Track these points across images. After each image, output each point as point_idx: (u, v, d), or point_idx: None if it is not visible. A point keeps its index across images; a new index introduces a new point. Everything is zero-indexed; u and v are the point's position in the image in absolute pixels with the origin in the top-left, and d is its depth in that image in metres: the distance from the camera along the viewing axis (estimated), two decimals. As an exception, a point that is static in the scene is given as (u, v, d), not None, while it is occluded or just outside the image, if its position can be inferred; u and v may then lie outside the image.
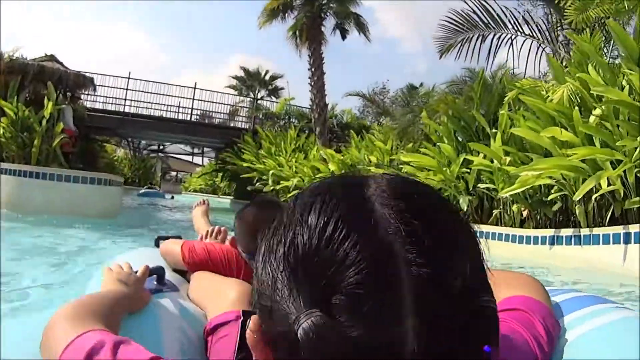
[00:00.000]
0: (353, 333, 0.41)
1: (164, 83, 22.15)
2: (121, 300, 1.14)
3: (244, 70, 25.08)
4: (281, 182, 15.55)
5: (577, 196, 6.48)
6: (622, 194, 6.29)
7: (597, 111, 6.72)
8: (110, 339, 0.78)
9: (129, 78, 21.06)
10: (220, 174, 21.63)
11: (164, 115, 21.95)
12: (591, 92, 6.88)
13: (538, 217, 8.50)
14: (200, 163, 39.86)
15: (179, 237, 2.20)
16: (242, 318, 1.18)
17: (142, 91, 21.40)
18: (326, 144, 15.94)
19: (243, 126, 21.54)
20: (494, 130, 9.40)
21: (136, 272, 1.33)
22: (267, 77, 24.85)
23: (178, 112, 22.48)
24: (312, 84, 16.22)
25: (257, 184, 16.89)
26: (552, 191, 7.55)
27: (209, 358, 1.24)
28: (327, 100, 16.99)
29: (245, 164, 17.20)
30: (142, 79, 22.36)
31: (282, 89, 24.75)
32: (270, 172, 15.88)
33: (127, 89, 20.92)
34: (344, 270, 0.42)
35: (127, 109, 20.82)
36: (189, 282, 1.70)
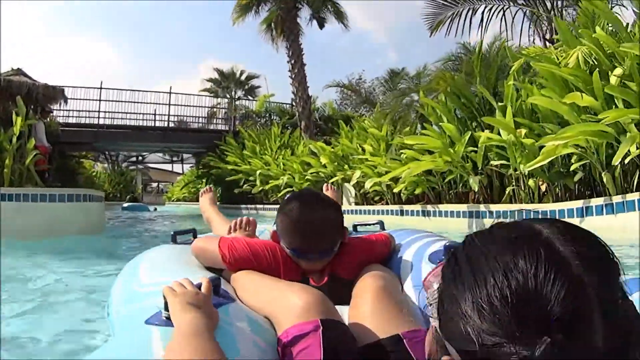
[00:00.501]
0: (572, 350, 0.51)
1: (138, 90, 21.08)
2: (210, 329, 1.01)
3: (218, 71, 23.99)
4: (270, 181, 14.59)
5: (616, 160, 5.79)
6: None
7: (618, 71, 6.07)
8: None
9: (101, 88, 19.85)
10: (204, 179, 20.46)
11: (140, 124, 20.77)
12: (609, 51, 6.22)
13: (557, 190, 7.90)
14: (181, 171, 38.63)
15: (194, 230, 2.15)
16: (321, 328, 1.12)
17: (116, 100, 20.30)
18: (312, 137, 15.07)
19: (223, 128, 20.46)
20: (500, 103, 8.60)
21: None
22: (242, 77, 23.79)
23: (155, 120, 21.35)
24: (293, 76, 15.29)
25: (245, 186, 15.89)
26: (572, 160, 6.83)
27: None
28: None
29: (229, 167, 16.21)
30: (115, 87, 21.08)
31: (258, 87, 23.78)
32: (258, 172, 14.94)
33: (99, 100, 19.71)
34: (555, 302, 0.52)
35: (101, 121, 19.67)
36: (227, 280, 1.57)
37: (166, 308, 1.12)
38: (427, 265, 1.62)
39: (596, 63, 6.54)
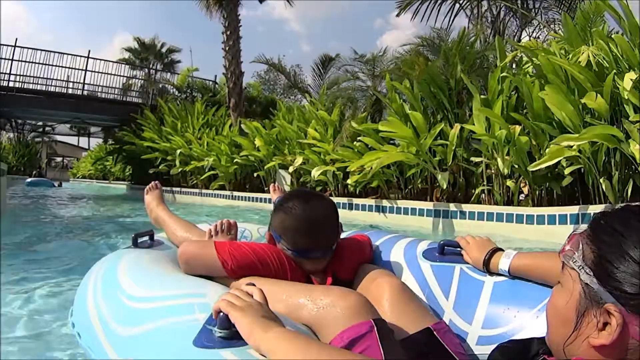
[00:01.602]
0: None
1: (55, 52, 17.43)
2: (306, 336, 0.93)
3: (139, 41, 20.64)
4: (192, 162, 12.07)
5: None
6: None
7: (632, 75, 4.97)
8: None
9: (15, 46, 16.14)
10: (115, 156, 17.31)
11: (52, 91, 17.29)
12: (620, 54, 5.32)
13: (537, 194, 6.58)
14: (87, 146, 34.34)
15: (152, 232, 1.95)
16: (376, 328, 1.09)
17: (30, 62, 16.62)
18: (242, 117, 12.69)
19: (141, 102, 17.36)
20: (482, 96, 6.98)
21: None
22: (163, 50, 20.64)
23: (66, 87, 17.86)
24: (227, 49, 12.75)
25: (161, 165, 13.22)
26: (563, 164, 5.77)
27: None
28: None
29: (145, 144, 13.43)
30: (30, 47, 17.20)
31: (179, 62, 20.75)
32: (178, 151, 12.35)
33: (12, 60, 16.01)
34: None
35: (10, 84, 16.10)
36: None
37: (223, 327, 0.93)
38: (425, 262, 1.60)
39: (607, 65, 5.51)
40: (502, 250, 1.45)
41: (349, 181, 8.12)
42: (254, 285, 1.05)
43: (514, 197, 6.79)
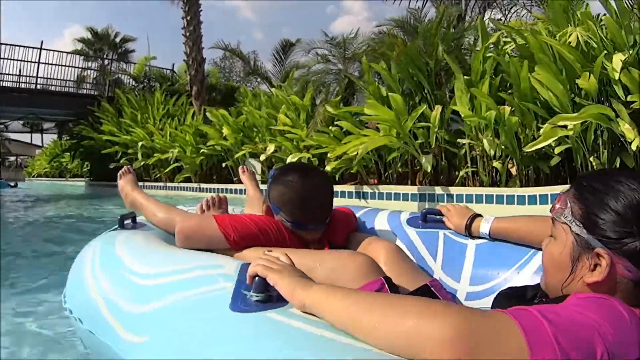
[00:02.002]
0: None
1: (5, 44, 15.91)
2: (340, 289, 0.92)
3: (92, 31, 19.25)
4: (155, 154, 11.21)
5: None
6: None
7: (621, 56, 4.88)
8: None
9: None
10: (72, 152, 16.07)
11: (3, 85, 15.86)
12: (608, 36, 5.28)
13: (524, 174, 6.32)
14: (40, 143, 32.38)
15: (134, 214, 1.90)
16: (386, 285, 1.16)
17: None
18: (205, 105, 11.86)
19: (97, 94, 16.09)
20: (465, 77, 6.47)
21: None
22: (117, 39, 19.36)
23: (19, 82, 16.41)
24: (188, 34, 11.80)
25: (122, 159, 12.27)
26: (552, 144, 5.50)
27: None
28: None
29: (104, 137, 12.43)
30: None
31: (133, 51, 19.48)
32: (140, 143, 11.44)
33: None
34: None
35: None
36: None
37: (259, 290, 0.94)
38: (410, 229, 1.71)
39: (595, 46, 5.41)
40: (481, 216, 1.58)
41: (327, 167, 7.53)
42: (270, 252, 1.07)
43: (502, 178, 6.44)
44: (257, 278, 0.95)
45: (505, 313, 0.72)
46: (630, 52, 5.03)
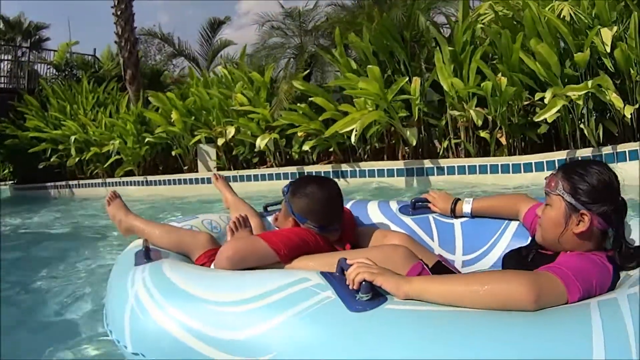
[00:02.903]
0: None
1: None
2: None
3: (3, 20, 16.57)
4: (91, 148, 9.62)
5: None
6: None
7: (608, 31, 4.91)
8: None
9: None
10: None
11: None
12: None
13: (512, 143, 6.06)
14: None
15: (146, 245, 1.77)
16: (424, 264, 1.44)
17: None
18: (143, 90, 10.38)
19: (13, 87, 13.75)
20: (449, 48, 5.98)
21: None
22: (30, 28, 16.87)
23: None
24: (119, 13, 10.05)
25: (53, 157, 10.52)
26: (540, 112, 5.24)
27: None
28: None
29: (30, 134, 10.56)
30: None
31: (47, 39, 17.10)
32: (72, 137, 9.77)
33: None
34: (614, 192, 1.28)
35: None
36: None
37: (366, 292, 1.10)
38: (405, 217, 1.99)
39: (585, 21, 5.34)
40: (460, 199, 1.91)
41: (305, 147, 6.57)
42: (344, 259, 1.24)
43: (491, 148, 6.03)
44: (364, 282, 1.11)
45: (547, 271, 1.12)
46: (617, 27, 5.07)
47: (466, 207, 1.86)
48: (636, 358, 0.84)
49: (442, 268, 1.54)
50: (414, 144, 6.08)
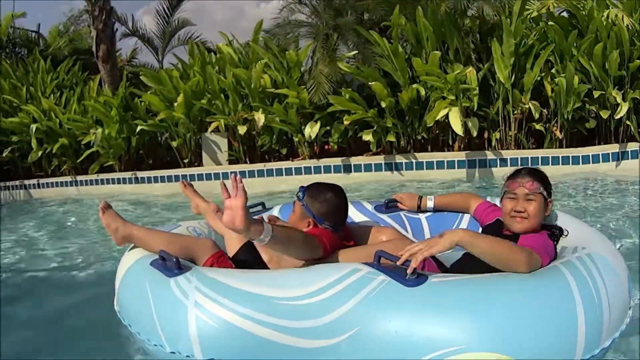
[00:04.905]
0: None
1: None
2: None
3: None
4: (60, 139, 8.20)
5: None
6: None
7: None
8: None
9: None
10: None
11: None
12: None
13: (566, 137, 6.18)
14: None
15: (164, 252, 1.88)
16: None
17: None
18: (115, 70, 9.05)
19: None
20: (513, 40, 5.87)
21: None
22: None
23: None
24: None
25: (5, 152, 8.87)
26: (594, 108, 5.91)
27: None
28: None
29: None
30: None
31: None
32: (33, 127, 8.26)
33: None
34: None
35: None
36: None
37: (413, 272, 1.43)
38: (381, 214, 2.40)
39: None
40: (423, 197, 2.38)
41: (366, 137, 5.99)
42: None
43: (545, 141, 6.17)
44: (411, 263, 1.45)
45: (532, 249, 1.55)
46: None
47: (429, 203, 2.35)
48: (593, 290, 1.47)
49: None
50: (474, 134, 5.82)
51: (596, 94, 5.71)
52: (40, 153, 8.43)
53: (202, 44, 13.80)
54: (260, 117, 6.39)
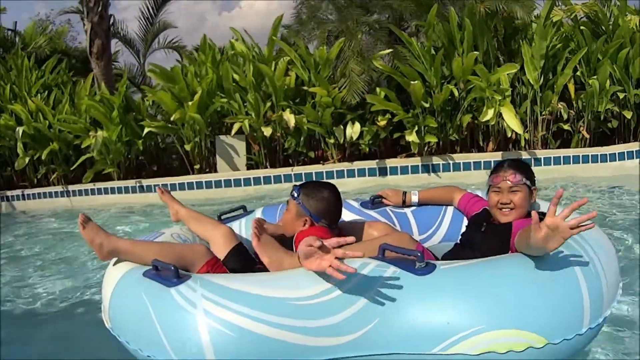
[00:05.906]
0: None
1: None
2: None
3: None
4: (51, 144, 7.54)
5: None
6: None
7: None
8: None
9: None
10: None
11: None
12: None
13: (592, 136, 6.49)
14: None
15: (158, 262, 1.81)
16: (423, 246, 2.02)
17: None
18: (108, 66, 8.47)
19: None
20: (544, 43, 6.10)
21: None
22: None
23: None
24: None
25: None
26: (617, 109, 6.28)
27: None
28: None
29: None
30: None
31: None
32: (20, 130, 7.56)
33: None
34: None
35: None
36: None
37: (421, 261, 1.52)
38: (368, 210, 2.44)
39: None
40: (407, 192, 2.47)
41: (410, 137, 5.79)
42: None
43: (573, 140, 6.42)
44: (420, 254, 1.52)
45: (517, 235, 1.67)
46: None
47: (414, 198, 2.44)
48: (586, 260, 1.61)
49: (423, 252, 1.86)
50: (520, 131, 5.78)
51: (621, 95, 6.09)
52: (27, 159, 7.73)
53: (182, 47, 13.57)
54: (290, 118, 6.09)
